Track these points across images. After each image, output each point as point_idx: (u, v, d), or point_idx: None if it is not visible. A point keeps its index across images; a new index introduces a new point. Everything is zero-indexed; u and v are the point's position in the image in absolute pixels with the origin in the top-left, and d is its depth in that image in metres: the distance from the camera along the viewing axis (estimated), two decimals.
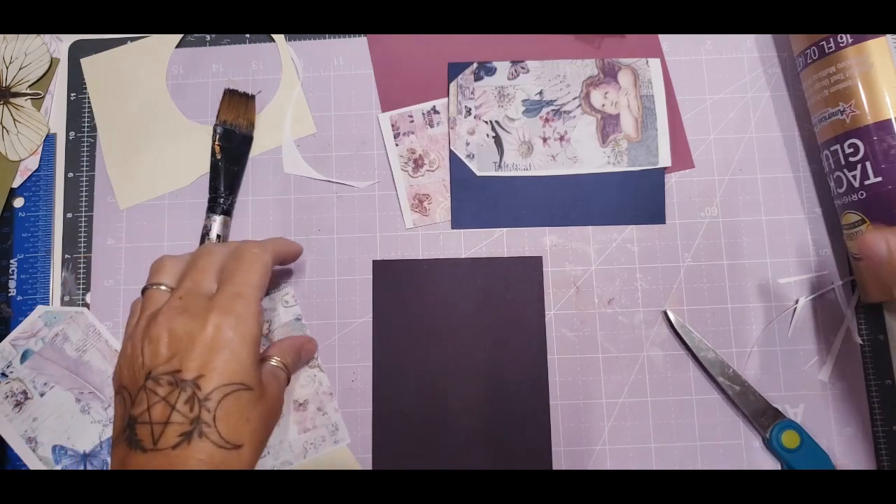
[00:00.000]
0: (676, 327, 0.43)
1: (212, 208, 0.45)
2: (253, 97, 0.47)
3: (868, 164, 0.39)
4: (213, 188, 0.45)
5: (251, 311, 0.33)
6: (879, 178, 0.39)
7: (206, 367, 0.31)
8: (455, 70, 0.47)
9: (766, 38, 0.47)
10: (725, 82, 0.47)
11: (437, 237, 0.45)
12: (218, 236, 0.44)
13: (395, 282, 0.44)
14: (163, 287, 0.35)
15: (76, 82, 0.48)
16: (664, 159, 0.45)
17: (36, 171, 0.47)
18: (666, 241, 0.45)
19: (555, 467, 0.42)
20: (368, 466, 0.42)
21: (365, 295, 0.44)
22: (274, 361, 0.38)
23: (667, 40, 0.47)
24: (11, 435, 0.43)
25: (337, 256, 0.45)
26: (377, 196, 0.46)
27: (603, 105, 0.46)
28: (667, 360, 0.43)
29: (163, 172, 0.46)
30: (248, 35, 0.48)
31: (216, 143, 0.45)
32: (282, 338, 0.43)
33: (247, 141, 0.46)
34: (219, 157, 0.45)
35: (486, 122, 0.46)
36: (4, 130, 0.47)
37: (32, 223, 0.46)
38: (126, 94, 0.48)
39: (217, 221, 0.44)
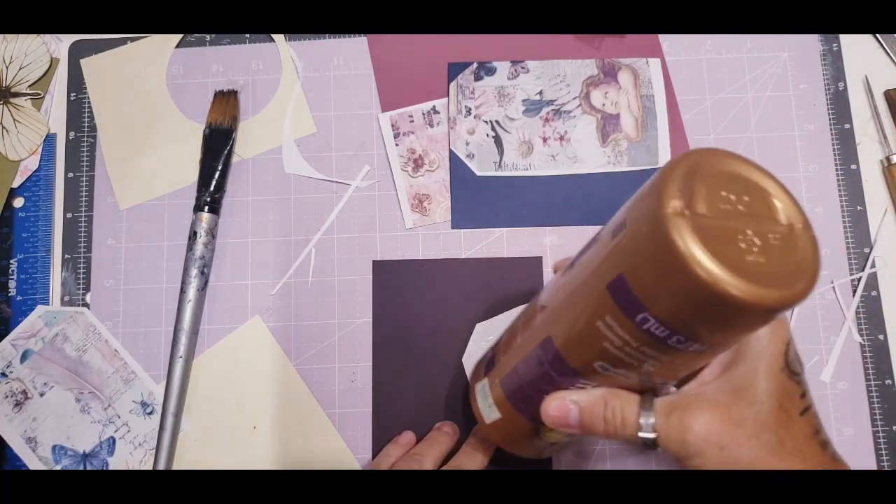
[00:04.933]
0: None
1: (196, 206, 0.45)
2: (236, 92, 0.47)
3: None
4: (197, 187, 0.45)
5: None
6: None
7: None
8: (455, 70, 0.47)
9: (766, 38, 0.47)
10: (725, 82, 0.47)
11: (437, 237, 0.45)
12: (195, 233, 0.44)
13: (395, 282, 0.44)
14: None
15: (76, 82, 0.48)
16: (664, 159, 0.45)
17: (36, 171, 0.47)
18: None
19: (555, 467, 0.42)
20: (368, 466, 0.42)
21: (365, 295, 0.44)
22: None
23: (667, 40, 0.47)
24: (11, 435, 0.43)
25: (337, 256, 0.45)
26: (377, 196, 0.46)
27: (603, 105, 0.46)
28: None
29: (163, 172, 0.46)
30: (248, 35, 0.48)
31: (202, 144, 0.46)
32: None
33: (226, 135, 0.46)
34: (201, 156, 0.45)
35: (486, 122, 0.46)
36: (4, 130, 0.47)
37: (32, 223, 0.46)
38: (126, 94, 0.48)
39: (197, 218, 0.44)
